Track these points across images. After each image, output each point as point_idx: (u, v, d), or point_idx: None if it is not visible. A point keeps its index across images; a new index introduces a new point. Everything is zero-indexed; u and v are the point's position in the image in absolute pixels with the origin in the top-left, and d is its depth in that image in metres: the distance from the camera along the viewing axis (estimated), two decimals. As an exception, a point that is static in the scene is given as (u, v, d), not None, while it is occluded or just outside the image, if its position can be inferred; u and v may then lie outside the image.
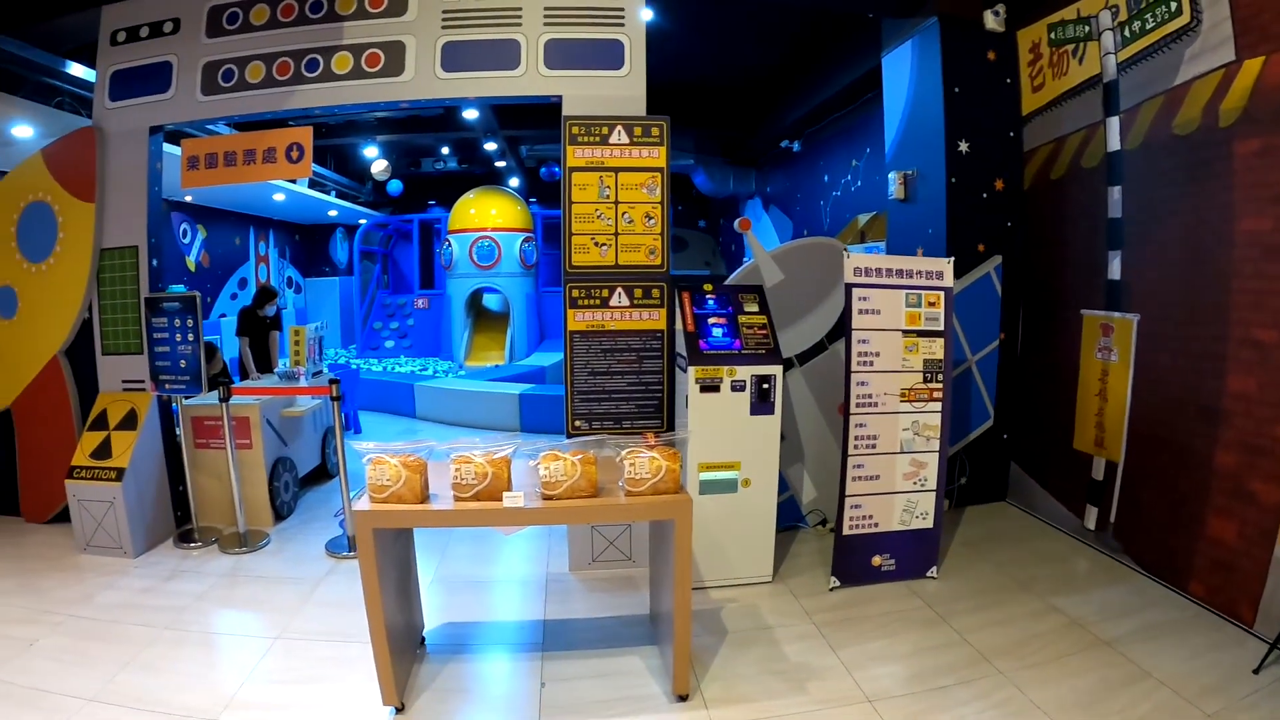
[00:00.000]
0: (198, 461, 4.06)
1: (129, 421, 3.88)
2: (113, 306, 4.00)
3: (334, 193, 11.68)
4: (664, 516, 2.41)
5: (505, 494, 2.34)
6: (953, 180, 3.83)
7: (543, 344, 9.83)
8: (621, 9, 3.60)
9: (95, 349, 4.04)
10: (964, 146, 3.84)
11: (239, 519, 3.84)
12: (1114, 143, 3.54)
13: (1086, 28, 3.64)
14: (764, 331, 3.26)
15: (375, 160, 9.96)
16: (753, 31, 5.30)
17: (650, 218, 3.54)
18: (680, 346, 3.30)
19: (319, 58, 3.70)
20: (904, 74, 4.17)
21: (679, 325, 3.30)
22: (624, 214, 3.53)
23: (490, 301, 9.96)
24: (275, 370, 5.14)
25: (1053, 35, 3.77)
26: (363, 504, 2.33)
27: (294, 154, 3.74)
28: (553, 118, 3.61)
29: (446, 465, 2.44)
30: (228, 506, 4.10)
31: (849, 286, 3.22)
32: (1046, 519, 3.92)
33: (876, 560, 3.37)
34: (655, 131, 3.54)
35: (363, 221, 12.83)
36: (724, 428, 3.17)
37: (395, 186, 11.73)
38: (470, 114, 8.29)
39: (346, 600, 3.27)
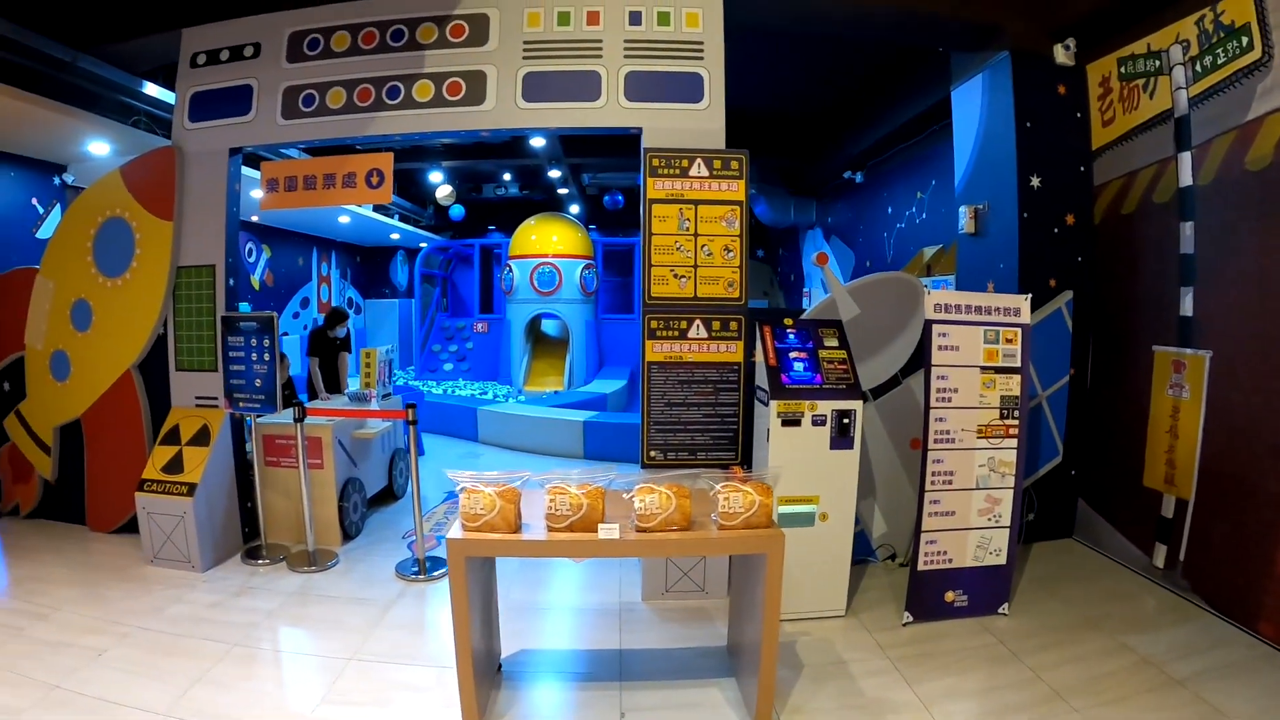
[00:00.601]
0: (267, 479, 4.09)
1: (201, 437, 3.92)
2: (187, 323, 4.05)
3: (397, 216, 11.90)
4: (757, 551, 2.43)
5: (601, 526, 2.37)
6: (1025, 215, 3.84)
7: (601, 371, 9.91)
8: (701, 43, 3.65)
9: (168, 364, 4.10)
10: (1036, 181, 3.85)
11: (309, 538, 3.86)
12: (1186, 178, 3.54)
13: (1157, 62, 3.65)
14: (844, 366, 3.27)
15: (440, 185, 10.08)
16: (819, 64, 5.32)
17: (729, 250, 3.57)
18: (760, 380, 3.31)
19: (400, 85, 3.76)
20: (974, 108, 4.19)
21: (759, 359, 3.31)
22: (703, 246, 3.56)
23: (548, 327, 10.05)
24: (345, 391, 5.18)
25: (1123, 69, 3.78)
26: (455, 531, 2.36)
27: (374, 179, 3.79)
28: (617, 147, 3.68)
29: (537, 495, 2.48)
30: (295, 525, 4.14)
31: (929, 323, 3.23)
32: (1114, 556, 3.89)
33: (949, 596, 3.35)
34: (735, 165, 3.57)
35: (423, 245, 13.01)
36: (804, 461, 3.17)
37: (458, 211, 11.90)
38: (537, 142, 8.32)
39: (418, 624, 3.30)
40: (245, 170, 4.41)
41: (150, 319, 4.06)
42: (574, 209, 12.36)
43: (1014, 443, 3.33)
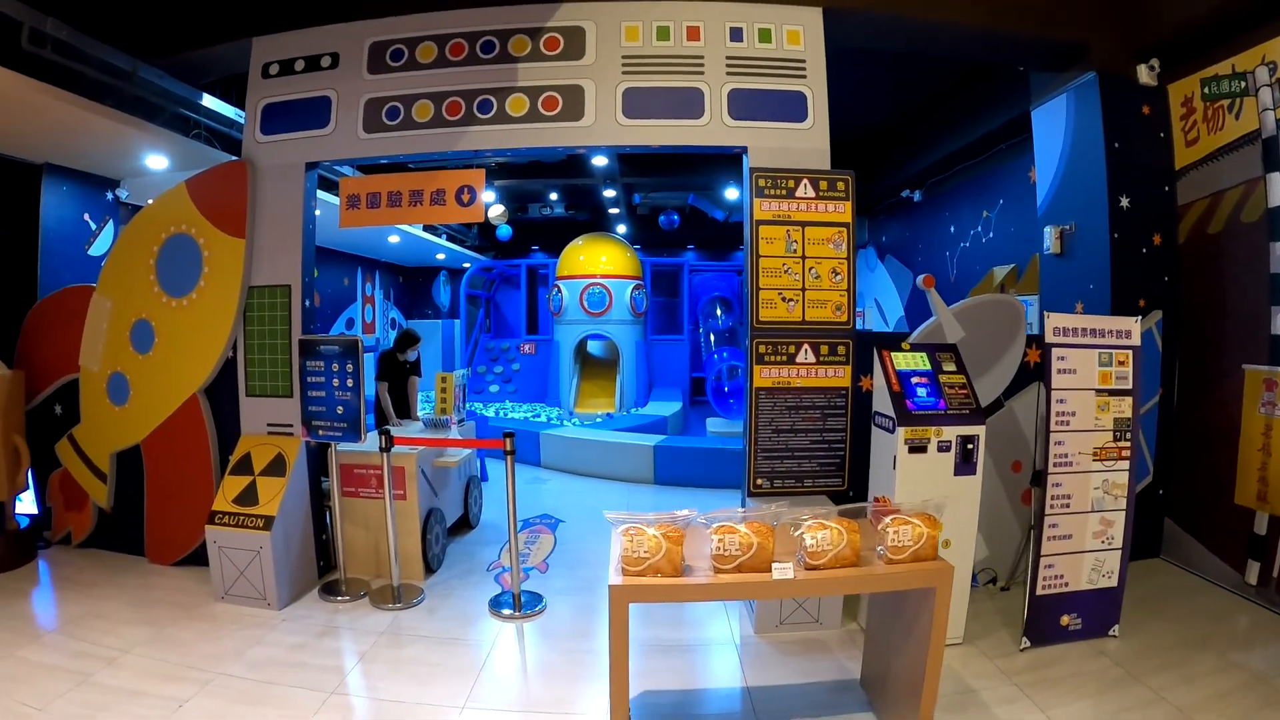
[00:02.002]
0: (346, 510, 3.83)
1: (276, 467, 3.66)
2: (259, 346, 3.78)
3: (445, 235, 11.68)
4: (926, 585, 2.32)
5: (775, 565, 2.22)
6: (1115, 235, 3.79)
7: (652, 393, 9.70)
8: (803, 61, 3.52)
9: (238, 390, 3.82)
10: (1125, 201, 3.81)
11: (393, 572, 3.61)
12: (1276, 199, 3.52)
13: (1242, 83, 3.64)
14: (965, 391, 3.17)
15: (492, 205, 9.80)
16: (875, 84, 5.23)
17: (836, 273, 3.45)
18: (881, 406, 3.19)
19: (492, 99, 3.56)
20: (1058, 128, 4.14)
21: (879, 384, 3.19)
22: (810, 269, 3.43)
23: (594, 348, 9.78)
24: (417, 417, 4.92)
25: (1206, 90, 3.76)
26: (616, 577, 2.19)
27: (465, 196, 3.58)
28: (672, 166, 3.52)
29: (697, 533, 2.33)
30: (373, 558, 3.90)
31: (1049, 346, 3.15)
32: (1205, 575, 3.86)
33: (1065, 620, 3.27)
34: (841, 186, 3.45)
35: (467, 265, 12.79)
36: (929, 488, 3.04)
37: (505, 231, 11.68)
38: (599, 160, 8.05)
39: (526, 666, 3.10)
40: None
41: (219, 341, 3.78)
42: (621, 229, 12.14)
43: (1126, 464, 3.26)
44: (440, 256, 13.34)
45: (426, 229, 10.38)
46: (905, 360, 3.22)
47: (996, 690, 2.89)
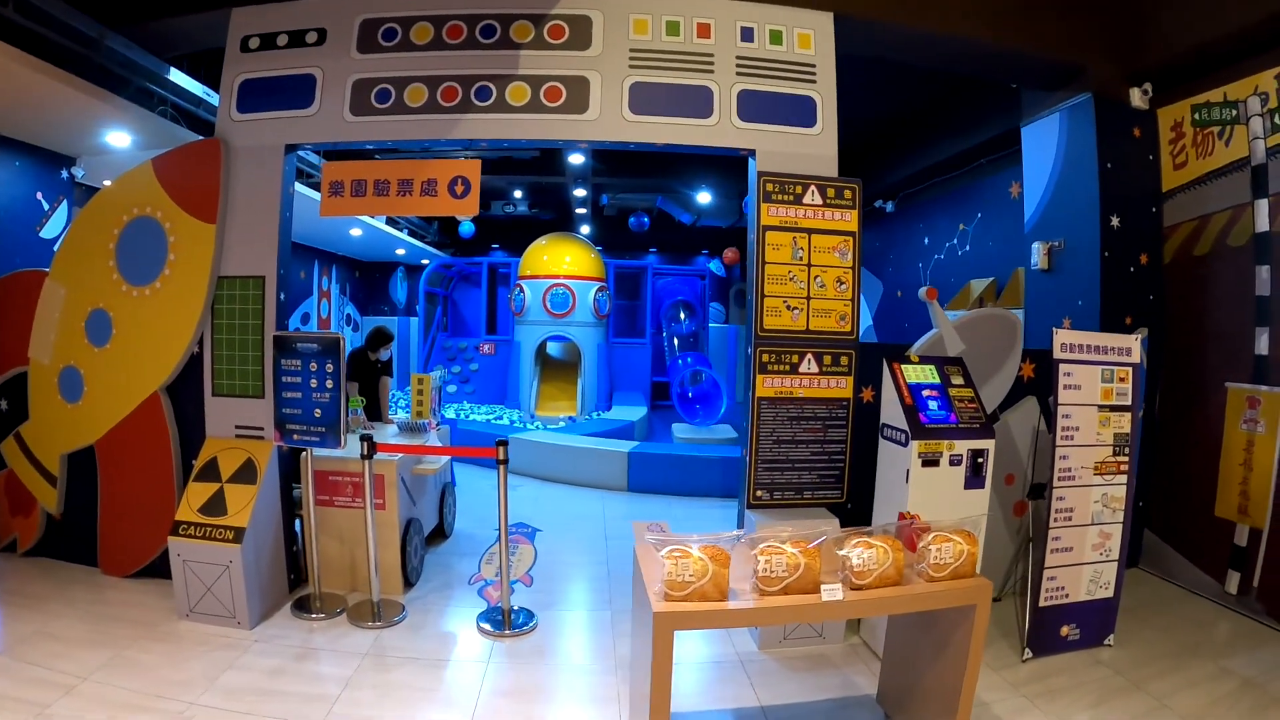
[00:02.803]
0: (319, 520, 3.46)
1: (246, 474, 3.28)
2: (229, 342, 3.41)
3: (406, 230, 11.07)
4: (967, 602, 2.22)
5: (824, 586, 2.04)
6: (1106, 254, 3.74)
7: (614, 397, 9.33)
8: (814, 65, 3.36)
9: (203, 388, 3.43)
10: (1115, 221, 3.78)
11: (373, 586, 3.28)
12: (1263, 224, 3.53)
13: (1234, 111, 3.64)
14: (974, 405, 3.04)
15: None
16: (857, 92, 5.10)
17: (841, 283, 3.29)
18: (890, 419, 3.03)
19: (491, 86, 3.28)
20: (1049, 146, 4.09)
21: (890, 396, 3.03)
22: (816, 277, 3.27)
23: (553, 350, 9.40)
24: (390, 420, 4.54)
25: (1197, 116, 3.76)
26: (659, 603, 1.96)
27: (459, 188, 3.28)
28: (644, 167, 3.30)
29: (738, 553, 2.12)
30: (347, 571, 3.57)
31: (1056, 362, 3.06)
32: (1184, 584, 3.86)
33: (1065, 630, 3.19)
34: (848, 194, 3.30)
35: (425, 262, 12.20)
36: (939, 502, 2.91)
37: (468, 228, 11.13)
38: (576, 158, 7.69)
39: (527, 688, 2.82)
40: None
41: (184, 335, 3.38)
42: (585, 230, 11.77)
43: (1124, 478, 3.21)
44: (400, 252, 12.76)
45: (389, 222, 9.83)
46: (915, 373, 3.07)
47: (1007, 702, 2.81)
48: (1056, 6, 3.71)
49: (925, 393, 3.04)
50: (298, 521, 3.59)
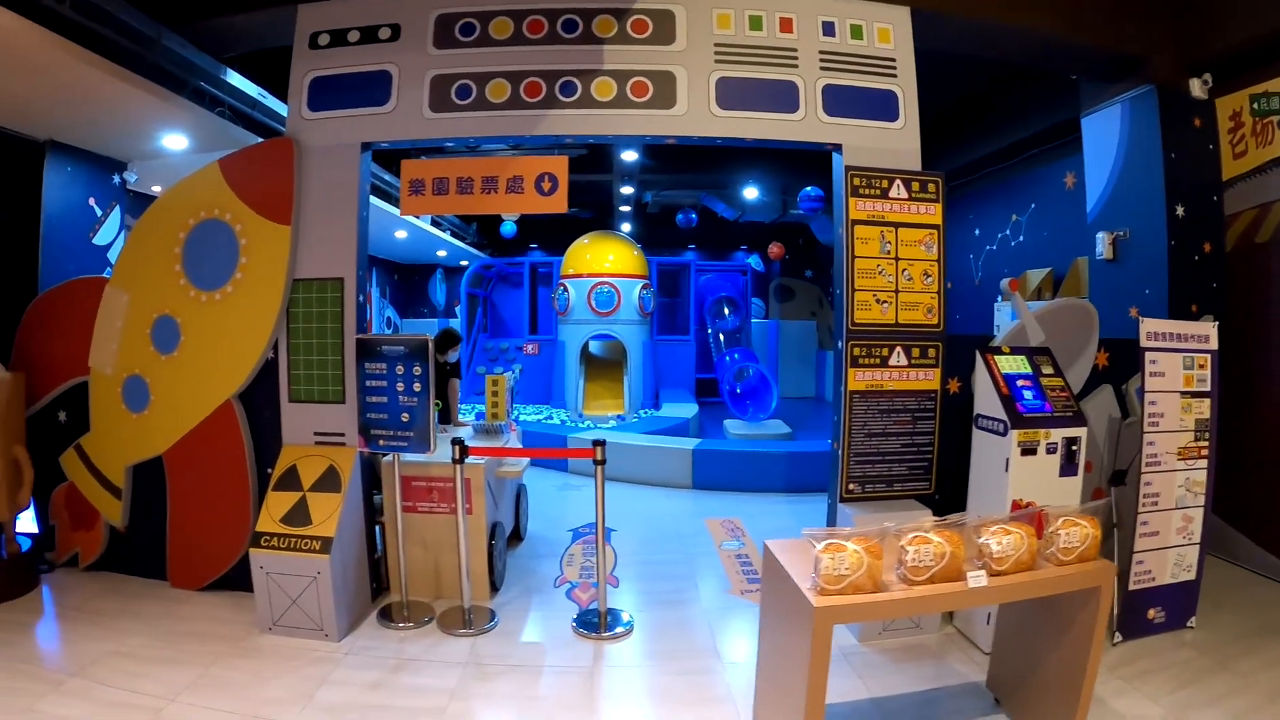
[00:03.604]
0: (402, 526, 3.53)
1: (329, 482, 3.34)
2: (306, 346, 3.45)
3: (450, 232, 11.21)
4: (1093, 584, 2.36)
5: (969, 573, 2.18)
6: (1173, 243, 3.96)
7: (661, 395, 9.55)
8: (894, 59, 3.52)
9: (279, 394, 3.47)
10: (1180, 210, 4.00)
11: (464, 593, 3.36)
12: (1325, 211, 3.78)
13: (1292, 101, 3.88)
14: (1065, 394, 3.23)
15: None
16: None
17: (928, 275, 3.46)
18: (985, 409, 3.21)
19: (576, 81, 3.37)
20: (1111, 136, 4.30)
21: (986, 387, 3.20)
22: (904, 270, 3.43)
23: (595, 348, 9.57)
24: (461, 422, 4.62)
25: (1256, 106, 4.00)
26: (815, 598, 2.08)
27: (545, 185, 3.37)
28: (690, 163, 3.40)
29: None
30: (431, 577, 3.65)
31: (1143, 350, 3.26)
32: (1251, 568, 4.10)
33: (1151, 613, 3.40)
34: (932, 187, 3.47)
35: (464, 264, 12.48)
36: (1036, 490, 3.09)
37: (509, 228, 11.22)
38: (629, 155, 7.77)
39: (635, 692, 2.91)
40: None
41: (258, 340, 3.43)
42: (625, 227, 11.95)
43: (1204, 463, 3.42)
44: (442, 253, 12.95)
45: (432, 223, 9.91)
46: (1008, 364, 3.25)
47: (1105, 685, 2.97)
48: (1121, -1, 3.93)
49: (1019, 382, 3.22)
50: (378, 529, 3.66)
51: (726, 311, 10.88)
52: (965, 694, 2.90)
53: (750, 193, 9.07)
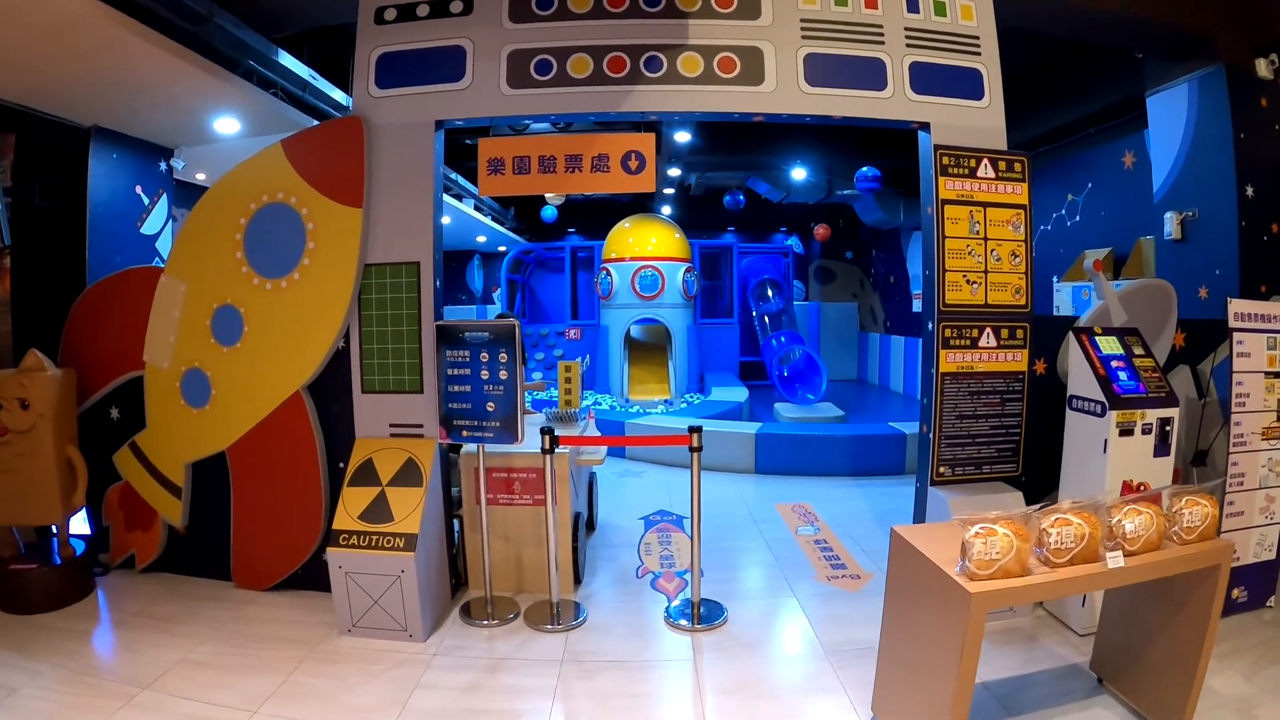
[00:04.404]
0: (480, 520, 3.57)
1: (409, 475, 3.36)
2: (380, 334, 3.46)
3: (491, 216, 11.28)
4: (1215, 562, 2.49)
5: (1108, 554, 2.31)
6: (1243, 224, 4.15)
7: (705, 379, 9.75)
8: (978, 37, 3.61)
9: (351, 385, 3.48)
10: (1250, 191, 4.18)
11: (552, 587, 3.42)
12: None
13: (1356, 83, 4.08)
14: (1157, 374, 3.38)
15: None
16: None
17: (1016, 256, 3.58)
18: (1080, 390, 3.35)
19: (661, 56, 3.41)
20: (1178, 116, 4.47)
21: (1081, 368, 3.34)
22: (992, 251, 3.55)
23: (637, 333, 9.77)
24: (531, 411, 4.62)
25: (1321, 88, 4.19)
26: (969, 583, 2.19)
27: (633, 163, 3.42)
28: (735, 143, 3.48)
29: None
30: (512, 571, 3.70)
31: (1231, 331, 3.42)
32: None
33: (1235, 593, 3.58)
34: (1018, 167, 3.59)
35: (502, 249, 12.76)
36: (1132, 470, 3.26)
37: (551, 212, 11.44)
38: (682, 136, 7.85)
39: (744, 684, 2.97)
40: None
41: (330, 329, 3.43)
42: (666, 210, 12.12)
43: (1287, 443, 3.61)
44: (481, 239, 13.03)
45: (475, 208, 9.98)
46: (1103, 345, 3.39)
47: (1196, 665, 3.16)
48: (1191, -25, 4.08)
49: (1114, 363, 3.37)
50: (456, 522, 3.70)
51: (770, 294, 11.14)
52: (1067, 676, 3.04)
53: (798, 174, 9.23)
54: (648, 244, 9.34)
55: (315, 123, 4.14)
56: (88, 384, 3.70)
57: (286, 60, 4.03)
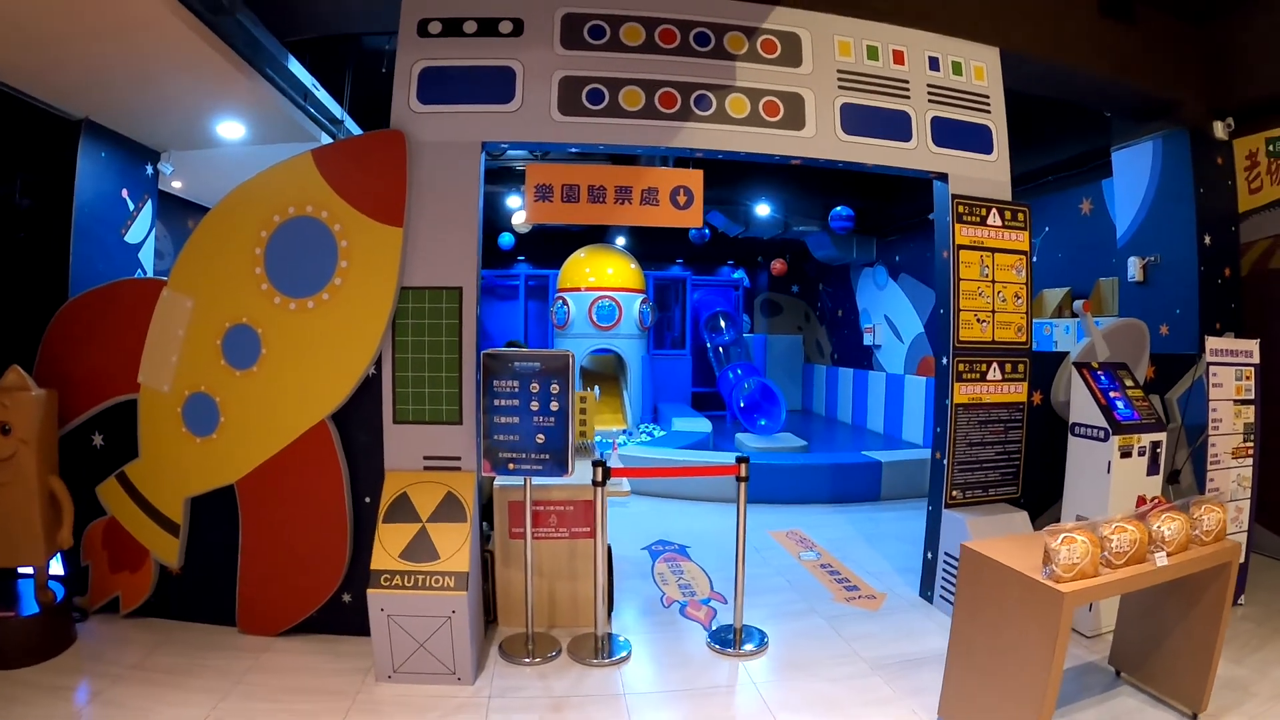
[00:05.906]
0: (513, 555, 3.75)
1: (452, 510, 3.49)
2: (415, 362, 3.60)
3: None
4: (1229, 559, 3.15)
5: (1156, 555, 2.89)
6: (1202, 269, 5.08)
7: (659, 410, 10.30)
8: (988, 96, 4.32)
9: (381, 415, 3.59)
10: (1208, 239, 5.14)
11: (597, 620, 3.64)
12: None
13: (1305, 144, 5.15)
14: (1146, 402, 4.11)
15: (517, 211, 9.68)
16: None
17: (1018, 297, 4.29)
18: (1082, 418, 4.01)
19: (710, 95, 3.84)
20: (1142, 170, 5.43)
21: (1083, 398, 4.00)
22: (999, 292, 4.21)
23: (587, 363, 10.25)
24: None
25: (1271, 148, 5.27)
26: (1063, 585, 2.66)
27: (681, 199, 3.79)
28: (707, 179, 3.88)
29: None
30: (544, 605, 3.87)
31: (1208, 364, 4.23)
32: (1268, 554, 5.25)
33: (1212, 602, 4.35)
34: (1020, 217, 4.31)
35: None
36: (1130, 489, 3.94)
37: (507, 240, 11.80)
38: None
39: (808, 703, 3.28)
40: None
41: (362, 355, 3.53)
42: (619, 241, 12.61)
43: (1250, 460, 4.47)
44: None
45: None
46: (1101, 377, 4.09)
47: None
48: (1164, 49, 5.03)
49: (1111, 394, 4.08)
50: (488, 558, 3.83)
51: (723, 325, 12.00)
52: (1085, 673, 3.61)
53: (763, 209, 10.03)
54: (605, 274, 9.95)
55: (322, 135, 4.23)
56: (68, 406, 3.56)
57: (294, 67, 4.12)
